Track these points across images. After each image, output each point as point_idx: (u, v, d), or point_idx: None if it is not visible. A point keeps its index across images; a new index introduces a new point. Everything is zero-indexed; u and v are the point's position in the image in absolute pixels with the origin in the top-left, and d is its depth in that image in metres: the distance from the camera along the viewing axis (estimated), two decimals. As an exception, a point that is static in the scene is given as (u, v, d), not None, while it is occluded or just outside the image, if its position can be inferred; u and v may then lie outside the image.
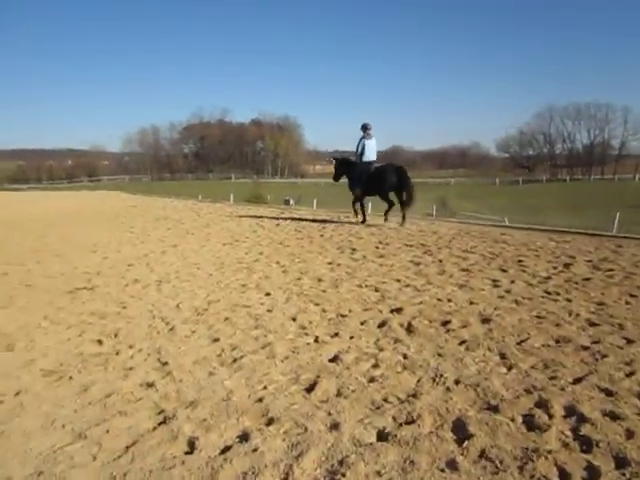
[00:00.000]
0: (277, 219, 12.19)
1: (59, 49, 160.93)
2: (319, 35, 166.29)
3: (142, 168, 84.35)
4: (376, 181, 10.11)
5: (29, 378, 3.33)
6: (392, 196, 10.28)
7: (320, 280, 5.85)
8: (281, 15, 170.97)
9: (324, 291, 5.38)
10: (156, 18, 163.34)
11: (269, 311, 4.69)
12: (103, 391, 3.09)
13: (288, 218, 12.41)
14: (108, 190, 31.09)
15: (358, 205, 10.78)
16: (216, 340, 3.95)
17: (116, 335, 4.12)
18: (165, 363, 3.50)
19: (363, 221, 10.71)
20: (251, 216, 12.95)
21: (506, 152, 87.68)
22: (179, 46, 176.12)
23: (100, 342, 3.97)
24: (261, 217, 12.68)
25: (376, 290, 5.31)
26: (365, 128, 10.43)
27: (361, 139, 10.44)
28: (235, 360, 3.52)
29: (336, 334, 4.00)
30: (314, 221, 11.50)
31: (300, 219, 12.09)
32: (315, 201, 17.45)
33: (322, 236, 9.24)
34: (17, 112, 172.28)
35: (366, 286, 5.50)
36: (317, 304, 4.86)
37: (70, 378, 3.30)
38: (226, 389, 3.05)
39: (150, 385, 3.16)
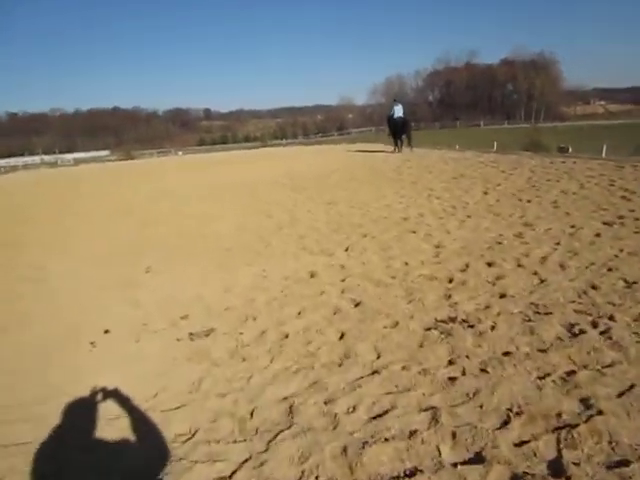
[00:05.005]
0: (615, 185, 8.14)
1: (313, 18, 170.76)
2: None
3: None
4: (394, 127, 17.72)
5: None
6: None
7: None
8: None
9: None
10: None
11: None
12: None
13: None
14: (361, 143, 29.79)
15: (392, 140, 18.43)
16: None
17: None
18: None
19: (394, 150, 17.99)
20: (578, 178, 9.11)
21: None
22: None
23: None
24: (589, 180, 8.74)
25: None
26: (394, 100, 20.29)
27: (392, 106, 18.14)
28: None
29: None
30: None
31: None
32: (605, 148, 12.41)
33: None
34: (271, 76, 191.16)
35: None
36: None
37: None
38: None
39: None
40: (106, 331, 3.50)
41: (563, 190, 7.59)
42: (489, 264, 4.34)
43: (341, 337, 3.15)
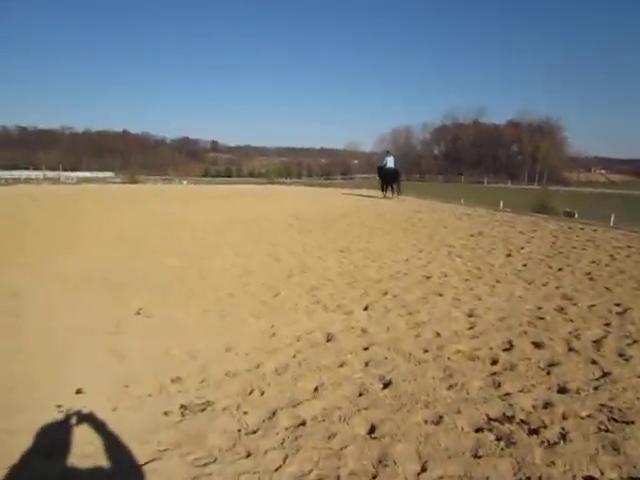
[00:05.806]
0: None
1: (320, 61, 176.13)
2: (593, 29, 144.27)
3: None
4: (385, 177, 19.64)
5: None
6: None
7: None
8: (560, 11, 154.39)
9: None
10: (414, 20, 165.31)
11: None
12: None
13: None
14: (366, 188, 29.40)
15: (382, 188, 20.05)
16: None
17: None
18: None
19: (384, 197, 19.45)
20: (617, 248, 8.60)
21: None
22: (437, 48, 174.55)
23: None
24: (617, 251, 8.24)
25: None
26: (387, 151, 22.72)
27: (384, 157, 19.94)
28: None
29: None
30: None
31: None
32: (613, 217, 12.09)
33: None
34: (280, 115, 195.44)
35: None
36: None
37: None
38: None
39: None
40: (78, 391, 2.84)
41: (594, 260, 7.07)
42: (536, 344, 3.73)
43: (371, 431, 2.51)
